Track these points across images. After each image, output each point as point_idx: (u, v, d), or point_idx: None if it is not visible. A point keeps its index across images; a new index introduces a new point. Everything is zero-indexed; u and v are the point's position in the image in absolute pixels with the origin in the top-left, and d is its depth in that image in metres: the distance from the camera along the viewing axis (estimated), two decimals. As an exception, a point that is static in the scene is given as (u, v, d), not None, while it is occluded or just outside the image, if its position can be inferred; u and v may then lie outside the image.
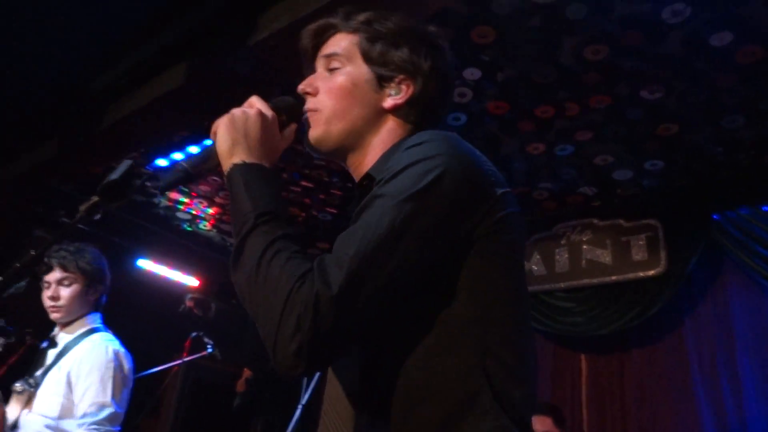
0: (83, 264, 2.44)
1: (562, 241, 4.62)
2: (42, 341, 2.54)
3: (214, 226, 5.59)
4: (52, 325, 2.47)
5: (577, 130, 3.72)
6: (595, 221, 4.53)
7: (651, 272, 4.17)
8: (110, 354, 2.33)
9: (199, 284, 6.07)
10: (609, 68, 3.20)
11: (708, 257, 4.13)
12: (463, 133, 4.05)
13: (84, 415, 2.21)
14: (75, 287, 2.41)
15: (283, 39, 2.76)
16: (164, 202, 5.22)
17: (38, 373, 2.30)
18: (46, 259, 2.43)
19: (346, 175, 4.37)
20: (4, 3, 2.89)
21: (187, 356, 4.50)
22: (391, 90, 1.11)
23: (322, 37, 1.17)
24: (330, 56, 1.13)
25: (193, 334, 4.59)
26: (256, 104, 1.08)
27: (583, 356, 4.54)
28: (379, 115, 1.11)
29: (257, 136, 1.03)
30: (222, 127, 1.04)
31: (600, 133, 3.73)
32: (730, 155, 3.80)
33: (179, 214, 5.42)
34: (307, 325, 0.81)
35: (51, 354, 2.36)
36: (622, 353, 4.37)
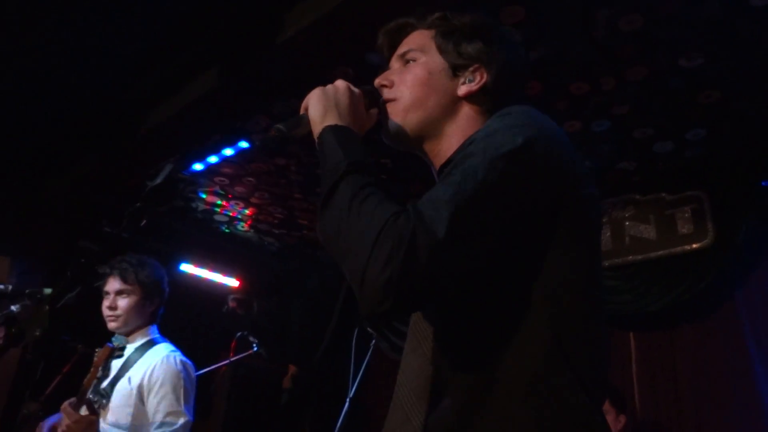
0: (142, 276, 2.50)
1: (604, 219, 4.53)
2: (94, 349, 2.61)
3: (251, 226, 5.64)
4: (104, 335, 2.52)
5: (614, 104, 3.62)
6: (637, 196, 4.43)
7: (698, 245, 4.06)
8: (179, 365, 2.41)
9: (240, 284, 6.15)
10: (644, 38, 3.10)
11: (757, 226, 3.99)
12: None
13: (162, 425, 2.27)
14: (132, 298, 2.47)
15: (310, 36, 2.76)
16: (202, 206, 5.28)
17: (105, 384, 2.36)
18: (108, 270, 2.50)
19: (380, 168, 4.36)
20: (38, 16, 2.95)
21: (233, 356, 4.56)
22: (465, 78, 1.14)
23: (399, 35, 1.22)
24: (405, 53, 1.18)
25: (238, 334, 4.65)
26: (343, 83, 1.12)
27: (631, 334, 4.45)
28: (454, 102, 1.14)
29: (347, 105, 1.07)
30: (314, 97, 1.08)
31: (637, 106, 3.63)
32: (776, 119, 3.66)
33: (217, 217, 5.49)
34: (400, 257, 0.80)
35: (115, 365, 2.42)
36: (672, 330, 4.27)
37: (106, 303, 2.48)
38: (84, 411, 2.19)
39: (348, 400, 3.52)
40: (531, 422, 0.85)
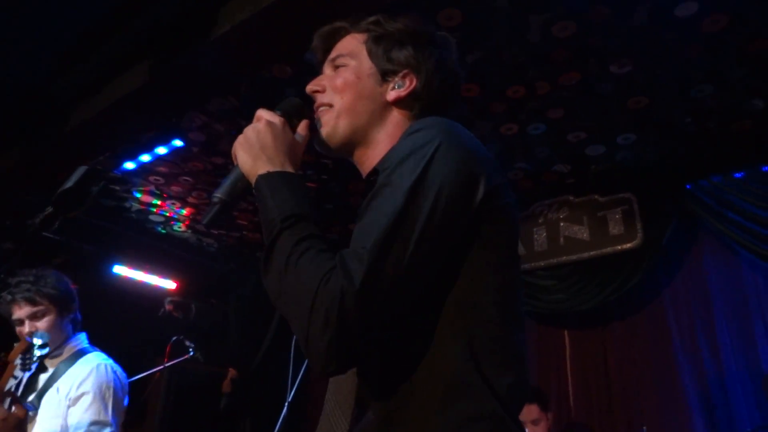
0: (49, 291, 2.35)
1: (540, 220, 4.64)
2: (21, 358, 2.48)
3: (188, 227, 5.50)
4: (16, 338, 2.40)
5: (549, 108, 3.72)
6: (571, 198, 4.56)
7: (628, 245, 4.22)
8: (109, 373, 2.32)
9: (177, 287, 5.98)
10: (577, 45, 3.19)
11: (683, 227, 4.19)
12: (435, 117, 3.93)
13: None
14: (48, 317, 2.34)
15: (246, 31, 2.70)
16: (136, 206, 5.11)
17: (32, 397, 2.26)
18: (9, 297, 2.33)
19: (321, 167, 4.33)
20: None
21: (168, 361, 4.43)
22: (395, 83, 1.14)
23: (332, 39, 1.21)
24: (336, 58, 1.18)
25: (173, 338, 4.52)
26: (263, 116, 1.10)
27: (566, 332, 4.59)
28: (384, 108, 1.14)
29: (272, 144, 1.05)
30: (239, 148, 1.06)
31: (571, 110, 3.73)
32: (699, 125, 3.83)
33: (152, 217, 5.32)
34: (334, 320, 0.83)
35: (42, 378, 2.32)
36: (604, 327, 4.42)
37: (23, 330, 2.31)
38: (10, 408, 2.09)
39: (287, 404, 3.48)
40: None
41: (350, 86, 1.13)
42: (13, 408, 2.11)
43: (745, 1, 2.89)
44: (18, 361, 2.16)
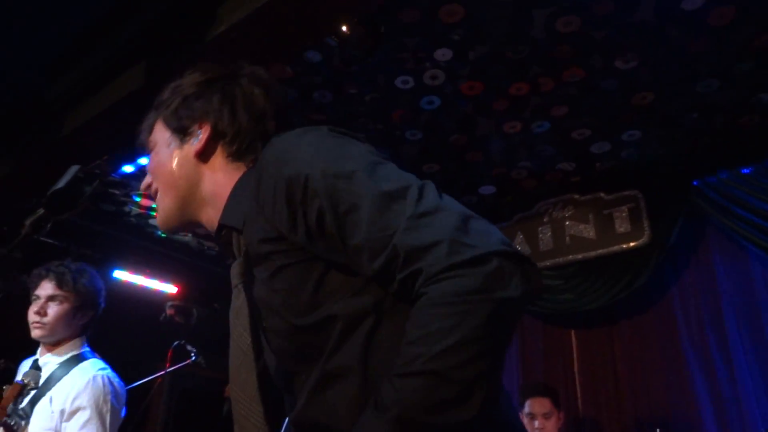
0: (80, 284, 2.31)
1: (545, 219, 4.58)
2: (18, 363, 2.42)
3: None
4: (29, 348, 2.34)
5: (553, 106, 3.66)
6: (576, 196, 4.50)
7: (635, 243, 4.16)
8: (106, 386, 2.24)
9: (178, 291, 5.92)
10: (581, 40, 3.14)
11: (690, 224, 4.12)
12: (437, 116, 3.95)
13: None
14: (65, 306, 2.29)
15: (244, 32, 2.65)
16: (136, 210, 5.06)
17: (24, 404, 2.18)
18: (44, 272, 2.31)
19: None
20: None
21: (170, 366, 4.37)
22: (192, 138, 1.11)
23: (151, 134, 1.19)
24: (147, 150, 1.18)
25: (175, 343, 4.46)
26: None
27: (573, 332, 4.53)
28: (197, 165, 1.11)
29: None
30: None
31: (576, 107, 3.68)
32: (706, 120, 3.78)
33: (152, 221, 5.26)
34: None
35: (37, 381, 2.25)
36: (611, 326, 4.36)
37: (34, 308, 2.28)
38: None
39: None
40: None
41: (160, 164, 1.12)
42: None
43: (753, -7, 2.84)
44: (10, 408, 2.10)
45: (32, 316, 2.28)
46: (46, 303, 2.27)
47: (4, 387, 2.13)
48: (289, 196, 0.89)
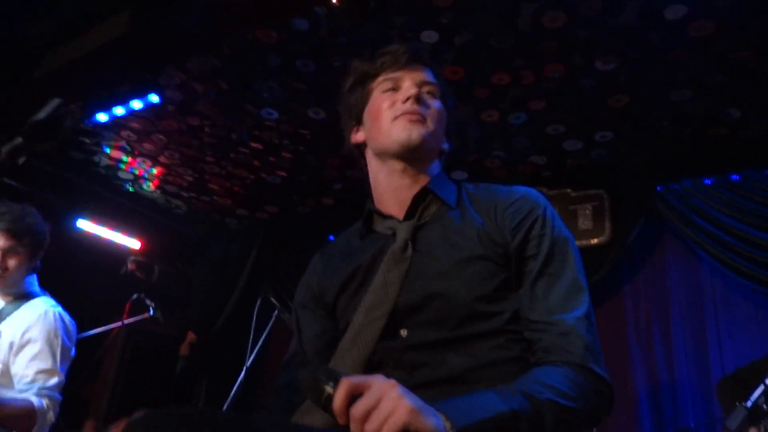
0: (31, 229, 2.27)
1: (513, 210, 4.67)
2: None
3: (158, 187, 5.38)
4: None
5: (532, 99, 3.72)
6: (545, 190, 4.59)
7: (595, 240, 4.29)
8: (58, 320, 2.23)
9: (141, 247, 5.87)
10: (565, 37, 3.19)
11: (649, 227, 4.27)
12: (419, 97, 3.88)
13: (32, 383, 2.12)
14: (23, 255, 2.25)
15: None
16: (105, 161, 4.98)
17: None
18: None
19: (298, 138, 4.27)
20: None
21: (126, 318, 4.36)
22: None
23: (423, 59, 1.38)
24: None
25: (134, 295, 4.45)
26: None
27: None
28: None
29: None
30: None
31: (553, 103, 3.75)
32: (676, 128, 3.89)
33: (121, 174, 5.19)
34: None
35: None
36: (564, 319, 4.49)
37: None
38: None
39: (245, 368, 3.47)
40: None
41: (440, 110, 1.35)
42: None
43: (733, 9, 2.92)
44: None
45: None
46: (4, 258, 2.22)
47: None
48: None
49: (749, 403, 2.28)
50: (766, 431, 2.33)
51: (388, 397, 0.81)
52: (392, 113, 1.25)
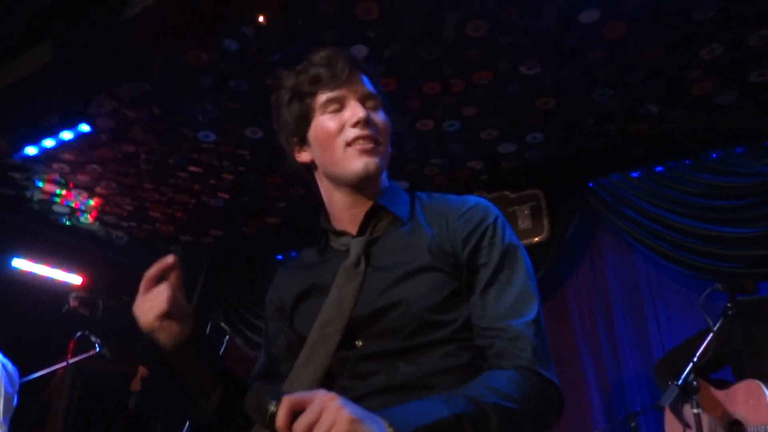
0: None
1: (455, 215, 4.77)
2: None
3: (96, 218, 5.25)
4: None
5: (463, 106, 3.84)
6: (484, 194, 4.72)
7: (536, 239, 4.43)
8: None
9: (83, 281, 5.69)
10: (490, 44, 3.32)
11: (585, 222, 4.45)
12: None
13: None
14: None
15: (158, 14, 2.62)
16: (38, 195, 4.83)
17: None
18: None
19: (237, 159, 4.26)
20: None
21: (71, 357, 4.22)
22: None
23: (361, 69, 1.33)
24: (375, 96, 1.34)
25: (78, 333, 4.31)
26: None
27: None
28: None
29: None
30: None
31: (484, 108, 3.87)
32: (601, 126, 4.08)
33: (56, 208, 5.04)
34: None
35: None
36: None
37: None
38: None
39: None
40: None
41: (386, 123, 1.35)
42: None
43: (642, 11, 3.11)
44: None
45: None
46: None
47: None
48: None
49: (680, 381, 2.39)
50: (698, 405, 2.45)
51: (328, 410, 0.84)
52: (343, 139, 1.24)
